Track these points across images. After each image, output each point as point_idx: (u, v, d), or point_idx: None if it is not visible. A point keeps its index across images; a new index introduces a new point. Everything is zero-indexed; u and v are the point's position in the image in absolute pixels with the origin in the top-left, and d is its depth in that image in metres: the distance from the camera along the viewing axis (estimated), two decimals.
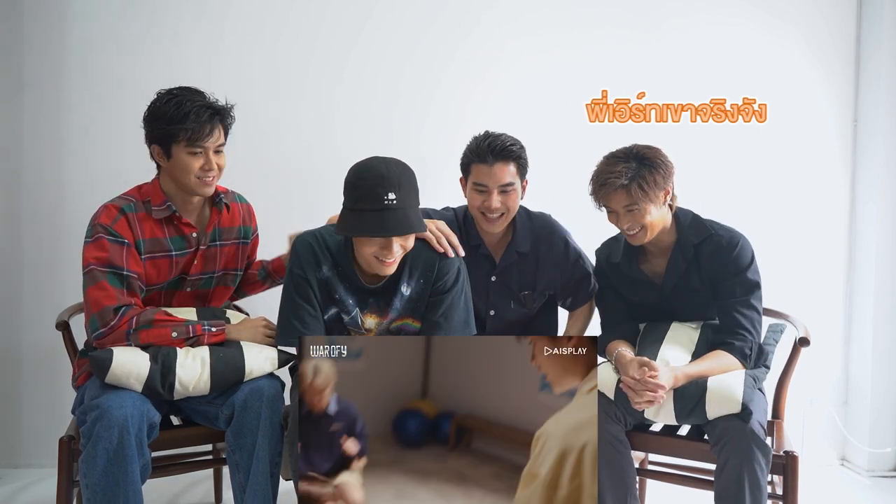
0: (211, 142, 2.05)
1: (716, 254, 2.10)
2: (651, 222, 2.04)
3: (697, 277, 2.13)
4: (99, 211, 2.05)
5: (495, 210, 2.14)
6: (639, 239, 2.07)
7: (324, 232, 2.05)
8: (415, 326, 2.09)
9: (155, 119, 2.04)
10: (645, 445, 2.10)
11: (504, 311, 2.32)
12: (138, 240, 2.03)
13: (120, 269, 1.98)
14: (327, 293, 2.03)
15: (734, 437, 1.86)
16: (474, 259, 2.25)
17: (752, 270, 2.09)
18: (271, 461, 1.93)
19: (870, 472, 2.98)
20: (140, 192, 2.11)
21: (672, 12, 3.01)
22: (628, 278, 2.21)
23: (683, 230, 2.14)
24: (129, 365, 1.88)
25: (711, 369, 1.99)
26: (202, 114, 2.02)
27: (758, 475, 1.83)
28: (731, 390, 1.91)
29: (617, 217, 2.07)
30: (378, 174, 1.84)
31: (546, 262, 2.28)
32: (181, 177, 2.05)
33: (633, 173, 2.01)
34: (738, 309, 2.07)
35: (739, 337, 2.04)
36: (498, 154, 2.12)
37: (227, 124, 2.12)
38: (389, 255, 1.88)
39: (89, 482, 1.80)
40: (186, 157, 2.03)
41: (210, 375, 1.94)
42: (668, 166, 2.07)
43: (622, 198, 2.02)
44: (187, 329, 1.99)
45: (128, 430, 1.80)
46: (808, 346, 2.16)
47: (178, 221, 2.10)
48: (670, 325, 2.16)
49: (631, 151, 2.07)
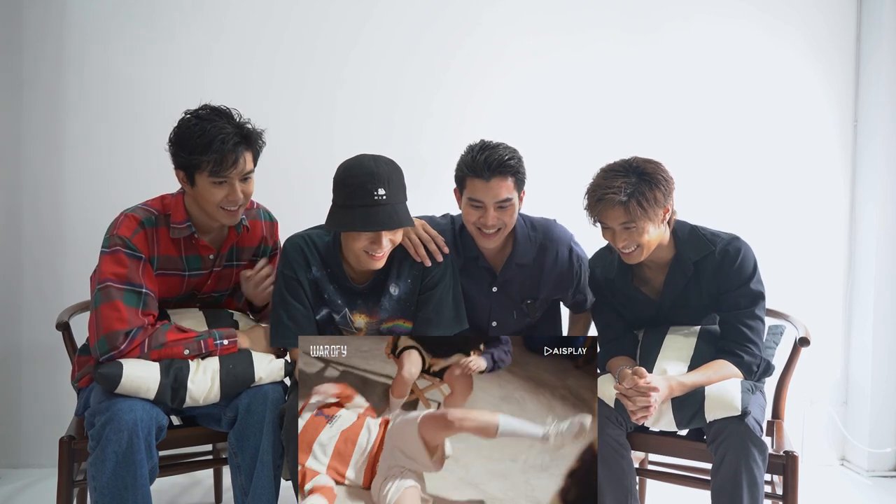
0: (236, 172, 1.95)
1: (719, 268, 2.03)
2: (648, 241, 1.95)
3: (697, 293, 2.07)
4: (119, 220, 1.98)
5: (492, 226, 2.08)
6: (634, 258, 1.98)
7: (312, 233, 2.08)
8: (406, 327, 2.11)
9: (178, 145, 1.95)
10: (644, 445, 2.10)
11: (506, 321, 2.28)
12: (152, 256, 1.98)
13: (139, 287, 1.92)
14: (317, 293, 2.06)
15: (730, 435, 1.85)
16: (474, 271, 2.22)
17: (755, 280, 2.03)
18: (274, 464, 1.93)
19: (870, 472, 2.99)
20: (163, 204, 2.04)
21: (672, 13, 3.01)
22: (623, 295, 2.14)
23: (682, 245, 2.05)
24: (139, 381, 1.85)
25: (709, 379, 1.95)
26: (227, 141, 1.91)
27: (754, 472, 1.83)
28: (730, 397, 1.89)
29: (613, 234, 1.97)
30: (367, 171, 1.88)
31: (550, 270, 2.23)
32: (204, 205, 1.98)
33: (633, 189, 1.90)
34: (744, 321, 2.00)
35: (748, 350, 1.99)
36: (495, 170, 2.01)
37: (257, 150, 2.01)
38: (379, 250, 1.92)
39: (98, 485, 1.80)
40: (210, 187, 1.94)
41: (220, 388, 1.93)
42: (669, 182, 1.96)
43: (619, 215, 1.92)
44: (199, 345, 1.95)
45: (137, 434, 1.80)
46: (808, 346, 2.16)
47: (196, 242, 2.04)
48: (667, 331, 2.12)
49: (630, 165, 1.96)
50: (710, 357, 2.02)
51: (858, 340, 3.06)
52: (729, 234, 2.09)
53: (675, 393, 1.93)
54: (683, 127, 3.01)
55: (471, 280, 2.22)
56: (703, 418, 1.91)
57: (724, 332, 2.05)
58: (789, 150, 3.05)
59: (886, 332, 2.97)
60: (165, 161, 2.01)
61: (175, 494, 2.69)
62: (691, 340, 2.08)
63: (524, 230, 2.22)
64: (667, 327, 2.13)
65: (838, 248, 3.09)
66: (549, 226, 2.26)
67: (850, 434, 3.06)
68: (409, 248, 2.06)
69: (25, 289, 2.86)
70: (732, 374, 1.98)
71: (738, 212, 3.00)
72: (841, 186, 3.08)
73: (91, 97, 2.83)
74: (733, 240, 2.06)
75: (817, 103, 3.06)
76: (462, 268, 2.20)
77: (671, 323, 2.13)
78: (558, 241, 2.24)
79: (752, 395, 1.95)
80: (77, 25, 2.82)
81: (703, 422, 1.92)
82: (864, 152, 3.03)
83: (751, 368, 2.00)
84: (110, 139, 2.84)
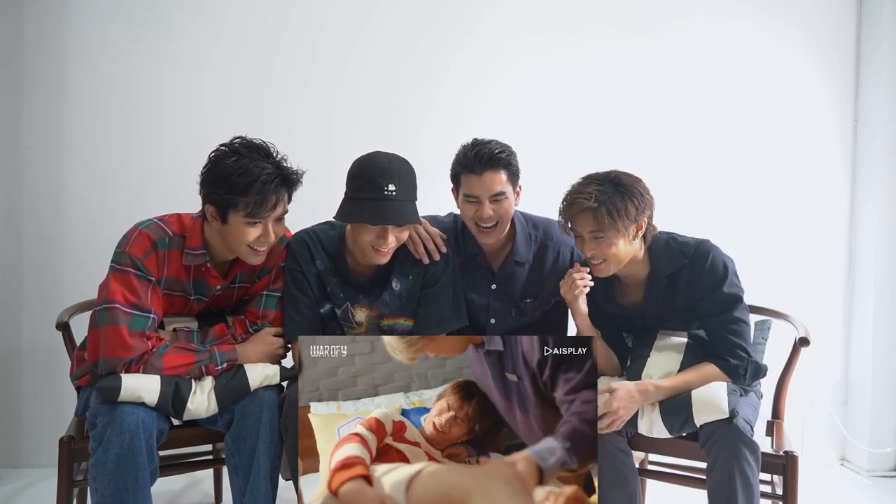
0: (274, 214, 1.90)
1: (691, 276, 2.00)
2: (616, 255, 1.93)
3: (677, 304, 2.05)
4: (132, 236, 1.93)
5: (488, 220, 2.09)
6: (601, 271, 1.97)
7: (317, 229, 2.14)
8: (406, 325, 2.13)
9: (214, 182, 1.86)
10: (644, 446, 2.10)
11: (505, 319, 2.29)
12: (161, 278, 1.95)
13: (147, 312, 1.89)
14: (321, 287, 2.10)
15: (720, 438, 1.85)
16: (473, 268, 2.24)
17: (728, 283, 1.98)
18: (271, 465, 1.93)
19: (870, 472, 2.98)
20: (181, 224, 1.98)
21: (672, 13, 3.01)
22: (606, 313, 2.13)
23: (656, 259, 2.03)
24: (139, 392, 1.85)
25: (689, 383, 1.94)
26: (269, 182, 1.85)
27: (747, 473, 1.83)
28: (717, 400, 1.89)
29: (582, 242, 1.96)
30: (380, 165, 1.94)
31: (551, 270, 2.23)
32: (232, 244, 1.92)
33: (605, 198, 1.89)
34: (725, 326, 1.98)
35: (735, 355, 1.97)
36: (486, 163, 2.05)
37: (294, 191, 1.94)
38: (384, 245, 1.96)
39: (99, 486, 1.80)
40: (243, 227, 1.88)
41: (217, 404, 1.94)
42: (646, 198, 1.94)
43: (588, 222, 1.91)
44: (200, 370, 1.94)
45: (139, 437, 1.80)
46: (808, 346, 2.16)
47: (207, 271, 2.00)
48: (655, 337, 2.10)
49: (608, 176, 1.95)
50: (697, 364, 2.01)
51: (858, 340, 3.06)
52: (697, 238, 2.05)
53: (652, 397, 1.93)
54: (683, 127, 3.01)
55: (470, 277, 2.23)
56: (693, 423, 1.91)
57: (710, 339, 2.04)
58: (789, 150, 3.05)
59: (886, 332, 2.97)
60: (165, 161, 2.01)
61: (175, 495, 2.69)
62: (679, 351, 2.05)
63: (524, 228, 2.24)
64: (655, 332, 2.11)
65: (838, 248, 3.09)
66: (551, 226, 2.25)
67: (850, 434, 3.06)
68: (409, 245, 2.09)
69: (25, 289, 2.85)
70: (715, 376, 1.96)
71: (738, 212, 3.00)
72: (841, 186, 3.08)
73: (91, 97, 2.83)
74: (700, 244, 2.03)
75: (817, 103, 3.05)
76: (462, 264, 2.21)
77: (657, 328, 2.12)
78: (560, 241, 2.24)
79: (743, 396, 1.96)
80: (77, 26, 2.82)
81: (693, 427, 1.92)
82: (864, 152, 3.03)
83: (737, 371, 1.97)
84: (110, 139, 2.84)
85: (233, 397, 1.95)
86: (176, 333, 2.01)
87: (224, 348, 1.99)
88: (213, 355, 1.96)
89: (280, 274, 2.10)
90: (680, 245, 2.04)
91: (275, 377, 2.01)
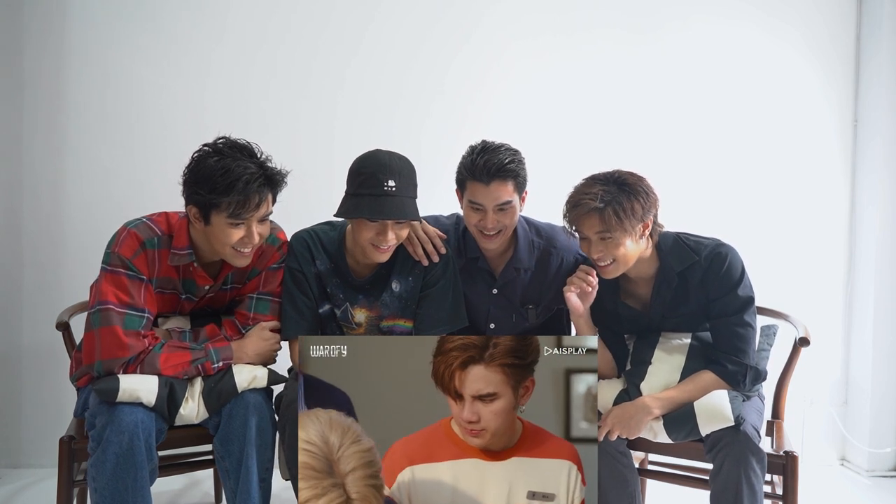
0: (257, 214, 1.88)
1: (705, 275, 1.99)
2: (625, 255, 1.92)
3: (685, 303, 2.04)
4: (121, 236, 1.92)
5: (492, 229, 2.07)
6: (609, 273, 1.95)
7: (317, 229, 2.14)
8: (406, 327, 2.13)
9: (197, 182, 1.84)
10: (644, 446, 2.10)
11: (504, 324, 2.27)
12: (152, 277, 1.94)
13: (140, 312, 1.89)
14: (321, 287, 2.10)
15: (728, 444, 1.84)
16: (474, 272, 2.22)
17: (743, 286, 1.98)
18: (260, 467, 1.92)
19: (870, 472, 2.99)
20: (167, 223, 1.96)
21: (672, 13, 3.01)
22: (612, 313, 2.11)
23: (665, 256, 2.01)
24: (137, 393, 1.84)
25: (689, 395, 1.94)
26: (252, 182, 1.82)
27: (753, 481, 1.81)
28: (721, 408, 1.88)
29: (589, 244, 1.94)
30: (380, 162, 1.94)
31: (554, 277, 2.20)
32: (216, 245, 1.91)
33: (610, 197, 1.87)
34: (733, 327, 1.97)
35: (733, 360, 1.97)
36: (494, 174, 2.00)
37: (278, 191, 1.93)
38: (385, 242, 1.95)
39: (98, 486, 1.80)
40: (226, 228, 1.86)
41: (206, 409, 1.94)
42: (651, 197, 1.93)
43: (595, 223, 1.89)
44: (197, 368, 1.94)
45: (138, 436, 1.80)
46: (808, 346, 2.16)
47: (194, 271, 1.99)
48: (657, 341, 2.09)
49: (612, 176, 1.94)
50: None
51: (858, 340, 3.06)
52: (713, 239, 2.04)
53: (657, 413, 1.93)
54: (683, 127, 3.01)
55: (471, 281, 2.22)
56: (699, 433, 1.90)
57: (714, 339, 2.03)
58: (789, 150, 3.05)
59: (886, 332, 2.97)
60: (166, 161, 2.01)
61: (175, 495, 2.69)
62: (681, 353, 2.05)
63: (527, 235, 2.21)
64: (658, 335, 2.11)
65: (838, 248, 3.09)
66: (556, 233, 2.23)
67: (850, 434, 3.06)
68: (407, 247, 2.09)
69: (25, 289, 2.85)
70: (713, 385, 1.95)
71: (738, 212, 3.01)
72: (841, 186, 3.08)
73: (91, 98, 2.83)
74: (718, 246, 2.01)
75: (817, 103, 3.06)
76: (463, 268, 2.20)
77: (662, 329, 2.11)
78: (564, 248, 2.22)
79: (746, 401, 1.95)
80: (78, 26, 2.82)
81: (698, 435, 1.91)
82: (864, 152, 3.03)
83: (735, 377, 1.96)
84: (110, 139, 2.84)
85: (221, 400, 1.93)
86: (169, 333, 2.01)
87: (219, 346, 1.99)
88: (208, 353, 1.96)
89: (270, 276, 2.08)
90: (693, 243, 2.03)
91: (262, 379, 1.99)
